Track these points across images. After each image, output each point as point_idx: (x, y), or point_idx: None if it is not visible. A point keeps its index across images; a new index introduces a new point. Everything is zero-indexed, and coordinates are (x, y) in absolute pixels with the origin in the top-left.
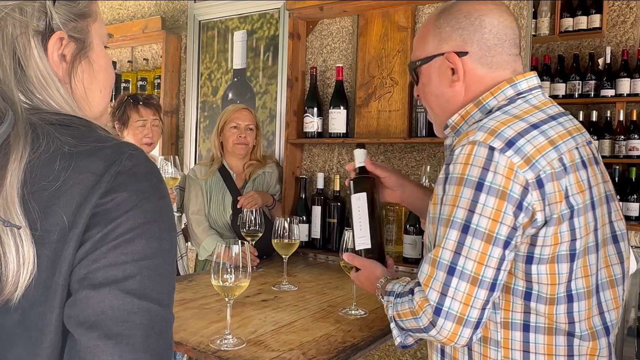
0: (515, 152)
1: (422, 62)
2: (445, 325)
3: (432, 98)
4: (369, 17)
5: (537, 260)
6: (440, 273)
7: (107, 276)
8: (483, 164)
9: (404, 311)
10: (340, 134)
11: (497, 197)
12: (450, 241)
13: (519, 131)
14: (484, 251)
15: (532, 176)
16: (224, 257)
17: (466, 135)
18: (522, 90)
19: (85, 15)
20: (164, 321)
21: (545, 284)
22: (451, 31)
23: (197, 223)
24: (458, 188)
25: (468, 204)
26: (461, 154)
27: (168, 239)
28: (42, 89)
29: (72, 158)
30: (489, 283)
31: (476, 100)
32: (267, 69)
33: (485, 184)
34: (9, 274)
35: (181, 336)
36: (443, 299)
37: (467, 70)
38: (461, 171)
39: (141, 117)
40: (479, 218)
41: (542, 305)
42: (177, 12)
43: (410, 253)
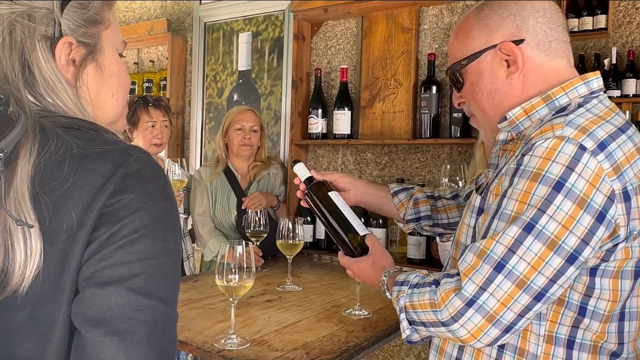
0: (607, 157)
1: (469, 60)
2: (473, 318)
3: (485, 97)
4: (373, 19)
5: (602, 272)
6: (486, 266)
7: (114, 275)
8: (568, 163)
9: (422, 302)
10: (344, 135)
11: (575, 203)
12: (508, 237)
13: (610, 133)
14: (542, 257)
15: (619, 187)
16: (228, 258)
17: (551, 129)
18: (594, 90)
19: (96, 21)
20: (167, 319)
21: (605, 299)
22: (501, 20)
23: (202, 224)
24: (531, 184)
25: (540, 202)
26: (542, 147)
27: (173, 239)
28: (50, 91)
29: (81, 160)
30: (536, 291)
31: (544, 94)
32: (272, 70)
33: (566, 185)
34: (16, 265)
35: (186, 335)
36: (481, 293)
37: (526, 59)
38: (539, 166)
39: (151, 118)
40: (548, 220)
41: (596, 323)
42: (182, 14)
43: (414, 254)
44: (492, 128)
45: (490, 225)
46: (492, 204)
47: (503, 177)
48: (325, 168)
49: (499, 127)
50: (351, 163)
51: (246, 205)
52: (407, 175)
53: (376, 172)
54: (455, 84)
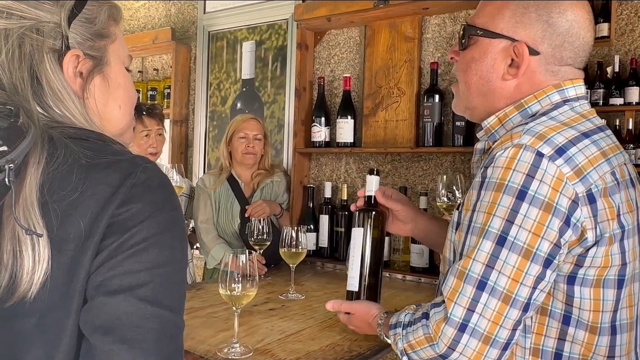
0: (566, 162)
1: (485, 34)
2: (469, 344)
3: (476, 78)
4: (376, 28)
5: (581, 281)
6: (469, 287)
7: (122, 283)
8: (528, 171)
9: (418, 339)
10: (347, 143)
11: (541, 209)
12: (483, 253)
13: (570, 139)
14: (520, 267)
15: (583, 190)
16: (231, 266)
17: (510, 138)
18: (569, 98)
19: (103, 35)
20: (175, 327)
21: (587, 309)
22: (536, 20)
23: (206, 232)
24: (496, 195)
25: (507, 213)
26: (502, 157)
27: (180, 247)
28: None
29: (89, 170)
30: (523, 303)
31: (517, 102)
32: (275, 79)
33: (529, 193)
34: (24, 271)
35: (189, 344)
36: (470, 315)
37: (528, 71)
38: (501, 176)
39: (145, 127)
40: (517, 230)
41: (581, 332)
42: (186, 23)
43: (417, 262)
44: (467, 106)
45: (465, 241)
46: (463, 219)
47: (471, 192)
48: (328, 176)
49: (477, 135)
50: (354, 171)
51: (249, 213)
52: (410, 183)
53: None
54: (461, 40)
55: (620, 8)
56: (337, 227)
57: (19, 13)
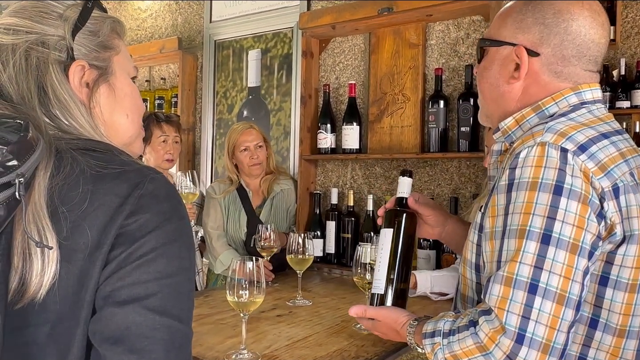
0: (589, 158)
1: (491, 44)
2: (529, 356)
3: (487, 86)
4: (380, 35)
5: (614, 283)
6: (520, 292)
7: (131, 294)
8: (559, 165)
9: (467, 349)
10: (353, 149)
11: (580, 202)
12: (529, 254)
13: (590, 137)
14: (569, 264)
15: (608, 184)
16: (239, 273)
17: (531, 137)
18: (586, 100)
19: (107, 47)
20: (183, 336)
21: (617, 312)
22: (533, 24)
23: (216, 237)
24: (531, 193)
25: (546, 210)
26: (530, 156)
27: (187, 257)
28: (64, 111)
29: (97, 181)
30: (576, 301)
31: (534, 104)
32: (281, 86)
33: (565, 187)
34: (34, 272)
35: (197, 351)
36: (526, 323)
37: (531, 73)
38: (533, 174)
39: (164, 132)
40: (561, 225)
41: (609, 337)
42: (193, 33)
43: (424, 267)
44: (486, 114)
45: (502, 247)
46: (493, 226)
47: (496, 196)
48: (334, 183)
49: (494, 137)
50: (360, 177)
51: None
52: (416, 189)
53: (385, 187)
54: (478, 55)
55: (625, 11)
56: (344, 233)
57: (25, 29)
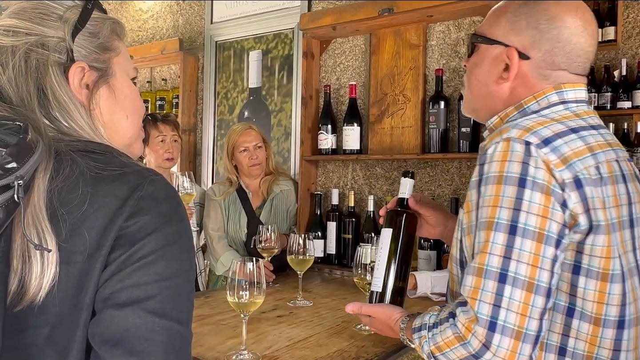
0: (552, 151)
1: (484, 41)
2: (502, 343)
3: (475, 82)
4: (381, 36)
5: (586, 272)
6: (490, 282)
7: (130, 296)
8: (522, 159)
9: (448, 340)
10: (354, 150)
11: (543, 192)
12: (497, 245)
13: (556, 132)
14: (536, 252)
15: (569, 176)
16: (239, 274)
17: (499, 134)
18: (567, 100)
19: (107, 48)
20: (183, 339)
21: (591, 300)
22: (526, 27)
23: (217, 239)
24: (498, 187)
25: (512, 202)
26: (496, 152)
27: (187, 259)
28: (64, 113)
29: (96, 182)
30: (546, 288)
31: (517, 103)
32: (281, 87)
33: (529, 179)
34: (33, 275)
35: (198, 352)
36: (497, 311)
37: (520, 75)
38: (499, 169)
39: (160, 132)
40: (526, 216)
41: (585, 324)
42: (194, 34)
43: (424, 267)
44: (472, 107)
45: (475, 239)
46: (469, 221)
47: (469, 192)
48: (335, 183)
49: (483, 135)
50: (361, 178)
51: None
52: (417, 190)
53: (386, 187)
54: (469, 50)
55: (627, 11)
56: (345, 234)
57: (25, 30)
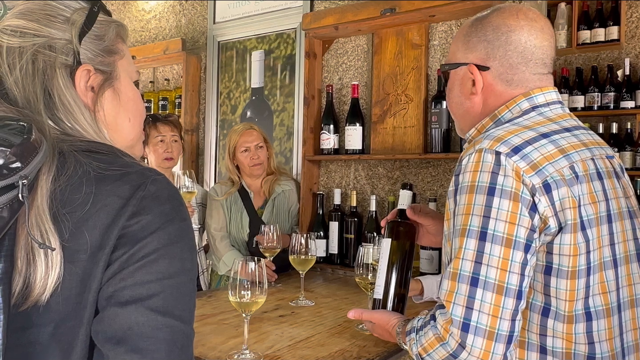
0: (521, 158)
1: (450, 67)
2: (475, 343)
3: (453, 104)
4: (383, 36)
5: (557, 271)
6: (463, 286)
7: (133, 294)
8: (492, 169)
9: (429, 341)
10: (356, 150)
11: (511, 200)
12: (469, 251)
13: (526, 139)
14: (505, 256)
15: (539, 181)
16: (241, 274)
17: (473, 145)
18: (538, 104)
19: (112, 51)
20: (185, 337)
21: (563, 299)
22: (477, 42)
23: (220, 238)
24: (470, 196)
25: (482, 210)
26: (469, 163)
27: (189, 258)
28: (68, 115)
29: (99, 182)
30: (515, 290)
31: (492, 114)
32: (284, 87)
33: (497, 188)
34: (37, 276)
35: (200, 351)
36: (470, 313)
37: (486, 85)
38: (471, 179)
39: (160, 132)
40: (495, 223)
41: (560, 324)
42: (197, 34)
43: (427, 268)
44: (461, 128)
45: (451, 246)
46: (448, 229)
47: (447, 201)
48: (337, 183)
49: (464, 147)
50: (363, 178)
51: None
52: (419, 189)
53: (388, 187)
54: (444, 80)
55: (630, 11)
56: (347, 234)
57: (32, 32)
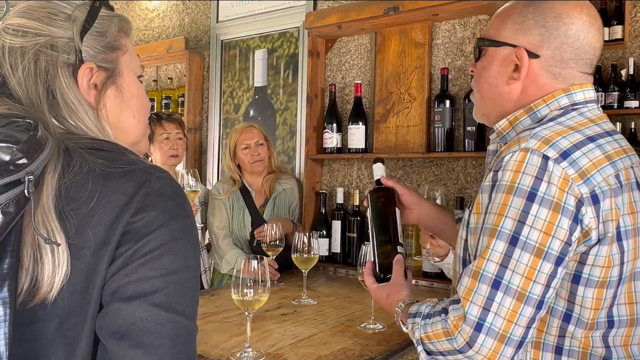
0: (570, 164)
1: (491, 44)
2: (485, 343)
3: (485, 85)
4: (386, 35)
5: (586, 281)
6: (484, 286)
7: (137, 290)
8: (536, 173)
9: (436, 332)
10: (359, 149)
11: (551, 209)
12: (497, 253)
13: (574, 143)
14: (533, 266)
15: (587, 191)
16: (244, 272)
17: (517, 142)
18: (577, 102)
19: (114, 47)
20: (188, 332)
21: (588, 308)
22: (534, 26)
23: (222, 237)
24: (507, 196)
25: (518, 214)
26: (512, 161)
27: (193, 255)
28: (72, 114)
29: (104, 179)
30: (537, 300)
31: (527, 106)
32: (287, 86)
33: (538, 195)
34: (45, 274)
35: (202, 349)
36: (485, 314)
37: (530, 74)
38: (511, 179)
39: (165, 130)
40: (529, 230)
41: (580, 330)
42: (200, 33)
43: (429, 267)
44: (483, 112)
45: (478, 242)
46: (476, 222)
47: (480, 195)
48: (340, 182)
49: (490, 138)
50: (366, 177)
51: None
52: (422, 189)
53: None
54: (476, 54)
55: (634, 10)
56: (350, 233)
57: (34, 31)
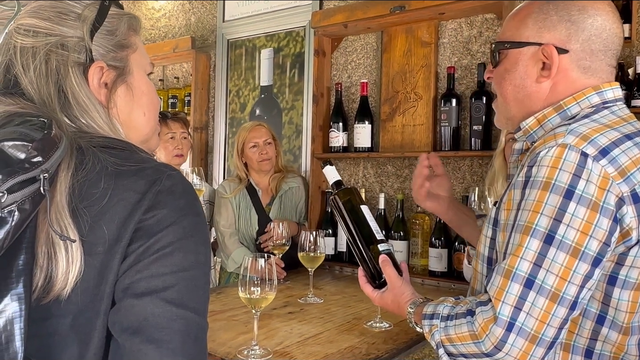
0: (610, 162)
1: (513, 46)
2: (516, 343)
3: (511, 87)
4: (392, 33)
5: (622, 283)
6: (516, 285)
7: (149, 286)
8: (574, 170)
9: (461, 335)
10: (365, 148)
11: (589, 208)
12: (530, 251)
13: (613, 140)
14: (568, 266)
15: (627, 189)
16: (251, 270)
17: (553, 137)
18: (607, 100)
19: (124, 46)
20: (199, 328)
21: (623, 311)
22: (558, 21)
23: (229, 235)
24: (543, 193)
25: (554, 212)
26: (548, 157)
27: (203, 252)
28: (83, 113)
29: (116, 177)
30: (570, 301)
31: (556, 104)
32: (293, 85)
33: (576, 192)
34: (59, 271)
35: (210, 347)
36: (517, 314)
37: (561, 70)
38: (548, 175)
39: (170, 129)
40: (566, 229)
41: (615, 333)
42: (206, 32)
43: (436, 266)
44: (507, 117)
45: (509, 240)
46: (507, 219)
47: (512, 191)
48: (346, 181)
49: (515, 136)
50: (372, 176)
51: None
52: None
53: (397, 185)
54: (494, 59)
55: None
56: None
57: (45, 31)
